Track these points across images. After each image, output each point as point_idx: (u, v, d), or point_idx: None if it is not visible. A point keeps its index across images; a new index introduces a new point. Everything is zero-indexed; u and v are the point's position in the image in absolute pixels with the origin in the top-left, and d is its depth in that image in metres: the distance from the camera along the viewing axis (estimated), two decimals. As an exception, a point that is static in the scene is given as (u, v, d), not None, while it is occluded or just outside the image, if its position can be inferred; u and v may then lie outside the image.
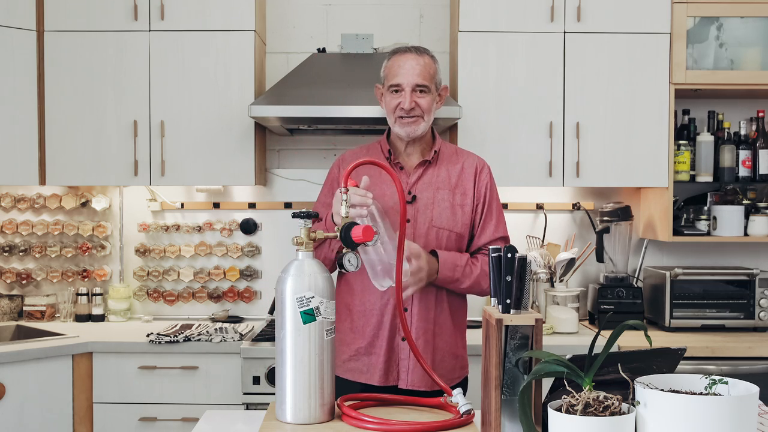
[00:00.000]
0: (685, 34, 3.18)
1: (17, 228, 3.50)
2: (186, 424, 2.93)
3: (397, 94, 2.16)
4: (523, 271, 1.50)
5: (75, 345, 2.93)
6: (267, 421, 1.67)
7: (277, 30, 3.59)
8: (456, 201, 2.21)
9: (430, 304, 2.17)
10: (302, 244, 1.69)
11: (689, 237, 3.26)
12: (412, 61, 2.15)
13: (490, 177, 2.27)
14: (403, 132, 2.18)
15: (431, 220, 2.17)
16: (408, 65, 2.14)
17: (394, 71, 2.17)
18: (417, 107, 2.15)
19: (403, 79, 2.14)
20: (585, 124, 3.21)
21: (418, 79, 2.14)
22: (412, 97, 2.14)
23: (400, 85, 2.15)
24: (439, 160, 2.25)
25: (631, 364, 1.39)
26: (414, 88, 2.14)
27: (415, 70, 2.14)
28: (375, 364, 2.16)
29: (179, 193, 3.58)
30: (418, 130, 2.17)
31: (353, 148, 2.38)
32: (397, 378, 2.16)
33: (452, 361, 2.23)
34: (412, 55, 2.16)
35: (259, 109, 3.01)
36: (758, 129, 3.28)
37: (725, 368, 2.90)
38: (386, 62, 2.22)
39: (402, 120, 2.16)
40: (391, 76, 2.18)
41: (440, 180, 2.21)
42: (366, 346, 2.18)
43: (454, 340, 2.24)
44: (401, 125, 2.17)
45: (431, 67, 2.18)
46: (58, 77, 3.23)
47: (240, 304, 3.57)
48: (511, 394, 1.52)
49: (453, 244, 2.20)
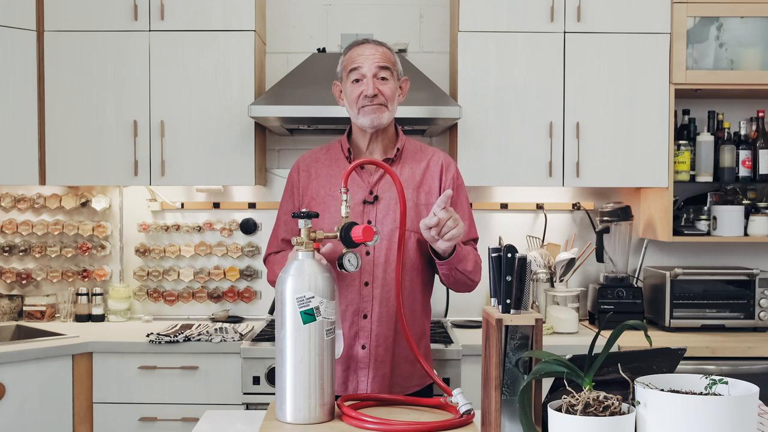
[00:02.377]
0: (685, 34, 3.18)
1: (17, 228, 3.51)
2: (186, 424, 2.93)
3: (359, 83, 2.07)
4: (523, 271, 1.50)
5: (75, 345, 2.93)
6: (267, 421, 1.67)
7: (277, 30, 3.59)
8: (420, 201, 2.10)
9: (391, 310, 2.05)
10: (302, 244, 1.69)
11: (689, 237, 3.26)
12: (371, 49, 2.07)
13: (456, 175, 2.17)
14: (367, 120, 2.07)
15: (394, 222, 2.05)
16: (368, 52, 2.07)
17: (352, 59, 2.08)
18: (380, 94, 2.05)
19: (364, 64, 2.06)
20: (585, 124, 3.21)
21: (380, 62, 2.06)
22: (375, 84, 2.05)
23: (361, 70, 2.06)
24: (402, 158, 2.14)
25: (631, 364, 1.39)
26: (376, 73, 2.05)
27: (375, 56, 2.06)
28: None
29: (179, 193, 3.58)
30: (383, 118, 2.07)
31: (312, 149, 2.28)
32: (356, 388, 2.06)
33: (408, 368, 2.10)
34: (371, 45, 2.09)
35: (259, 109, 3.01)
36: (758, 129, 3.28)
37: (725, 368, 2.90)
38: (342, 56, 2.14)
39: (365, 109, 2.06)
40: (349, 63, 2.09)
41: (403, 179, 2.10)
42: None
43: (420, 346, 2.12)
44: (365, 114, 2.06)
45: (390, 56, 2.10)
46: (58, 77, 3.23)
47: (240, 304, 3.57)
48: (511, 394, 1.52)
49: (419, 247, 2.08)
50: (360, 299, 2.04)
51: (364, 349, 2.05)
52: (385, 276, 2.04)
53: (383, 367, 2.06)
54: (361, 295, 2.04)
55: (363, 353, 2.05)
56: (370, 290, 2.04)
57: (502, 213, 3.56)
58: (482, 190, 3.55)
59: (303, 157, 2.24)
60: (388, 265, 2.05)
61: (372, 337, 2.04)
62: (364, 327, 2.05)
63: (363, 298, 2.04)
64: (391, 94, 2.08)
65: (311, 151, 2.25)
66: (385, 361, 2.05)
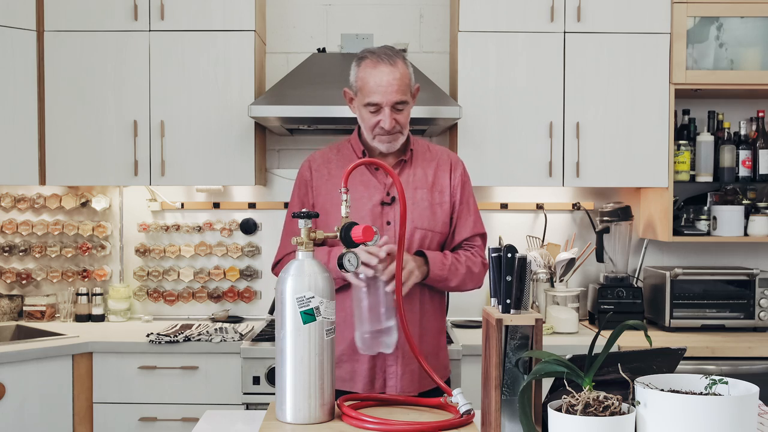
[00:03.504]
0: (685, 34, 3.18)
1: (17, 228, 3.51)
2: (186, 424, 2.93)
3: (375, 113, 2.06)
4: (523, 271, 1.50)
5: (75, 345, 2.93)
6: (267, 421, 1.67)
7: (277, 30, 3.59)
8: (435, 200, 2.15)
9: (415, 308, 2.09)
10: (302, 244, 1.69)
11: (689, 237, 3.26)
12: (389, 76, 2.02)
13: (464, 172, 2.21)
14: (383, 147, 2.10)
15: (412, 222, 2.10)
16: (385, 81, 2.02)
17: (370, 87, 2.04)
18: (396, 124, 2.06)
19: (382, 99, 2.03)
20: (585, 124, 3.21)
21: (397, 96, 2.03)
22: (392, 116, 2.04)
23: (379, 105, 2.04)
24: (414, 159, 2.18)
25: (631, 364, 1.39)
26: (393, 106, 2.04)
27: (392, 87, 2.02)
28: (358, 372, 2.09)
29: (179, 193, 3.58)
30: (397, 145, 2.11)
31: (322, 148, 2.29)
32: (384, 386, 2.09)
33: (433, 362, 2.14)
34: (386, 68, 2.03)
35: (259, 109, 3.01)
36: (758, 129, 3.28)
37: (725, 368, 2.90)
38: (357, 70, 2.09)
39: (382, 138, 2.08)
40: (366, 91, 2.05)
41: (417, 179, 2.14)
42: (348, 352, 2.08)
43: (436, 341, 2.18)
44: (381, 142, 2.09)
45: (406, 76, 2.07)
46: (58, 77, 3.23)
47: (240, 304, 3.57)
48: (511, 394, 1.52)
49: (435, 245, 2.14)
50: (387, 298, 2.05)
51: None
52: None
53: (411, 362, 2.09)
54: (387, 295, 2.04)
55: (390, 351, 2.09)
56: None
57: (502, 213, 3.56)
58: (482, 190, 3.55)
59: (313, 157, 2.23)
60: None
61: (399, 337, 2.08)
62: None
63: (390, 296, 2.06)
64: (406, 121, 2.09)
65: (321, 152, 2.25)
66: (412, 358, 2.08)
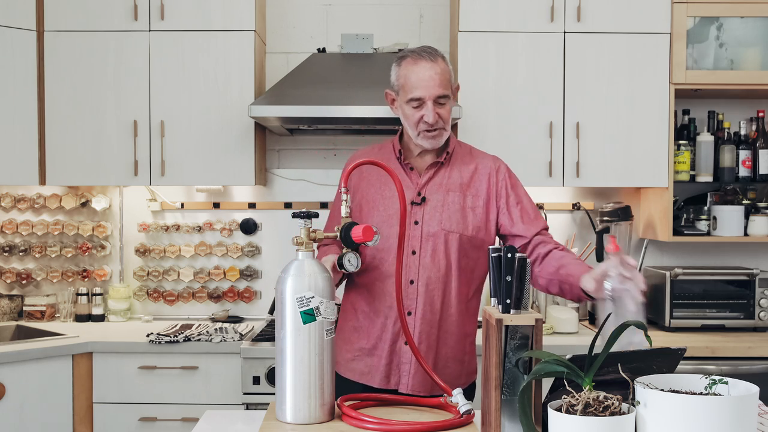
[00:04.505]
0: (685, 34, 3.18)
1: (17, 228, 3.51)
2: (186, 424, 2.93)
3: (418, 108, 2.08)
4: (523, 271, 1.50)
5: (75, 345, 2.93)
6: (267, 421, 1.67)
7: (277, 30, 3.59)
8: (467, 203, 2.14)
9: (435, 309, 2.10)
10: (302, 244, 1.69)
11: (689, 237, 3.26)
12: (431, 71, 2.06)
13: (508, 174, 2.20)
14: (427, 144, 2.12)
15: (440, 223, 2.10)
16: (427, 76, 2.05)
17: (412, 83, 2.07)
18: (440, 119, 2.08)
19: (424, 93, 2.06)
20: (585, 124, 3.21)
21: (439, 90, 2.06)
22: (435, 110, 2.06)
23: (422, 99, 2.06)
24: (451, 161, 2.18)
25: (631, 364, 1.39)
26: (436, 100, 2.06)
27: (434, 81, 2.05)
28: (376, 366, 2.12)
29: (179, 193, 3.58)
30: (442, 141, 2.13)
31: (364, 147, 2.33)
32: (398, 382, 2.11)
33: (456, 366, 2.15)
34: (427, 63, 2.07)
35: (259, 109, 3.01)
36: (758, 129, 3.28)
37: (725, 368, 2.90)
38: (398, 69, 2.12)
39: (426, 133, 2.09)
40: (409, 87, 2.08)
41: (451, 181, 2.15)
42: (368, 348, 2.13)
43: (461, 347, 2.16)
44: (426, 138, 2.10)
45: (447, 72, 2.09)
46: (58, 77, 3.23)
47: (240, 304, 3.57)
48: (511, 394, 1.52)
49: (462, 247, 2.12)
50: (405, 297, 2.07)
51: (406, 344, 2.07)
52: (430, 275, 2.09)
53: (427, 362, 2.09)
54: (406, 293, 2.08)
55: (405, 348, 2.09)
56: (416, 288, 2.08)
57: (502, 213, 3.56)
58: (482, 190, 3.55)
59: (355, 156, 2.27)
60: (434, 265, 2.09)
61: (415, 334, 2.08)
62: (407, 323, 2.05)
63: (408, 295, 2.08)
64: (448, 116, 2.11)
65: (363, 151, 2.29)
66: (427, 358, 2.08)
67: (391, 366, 2.11)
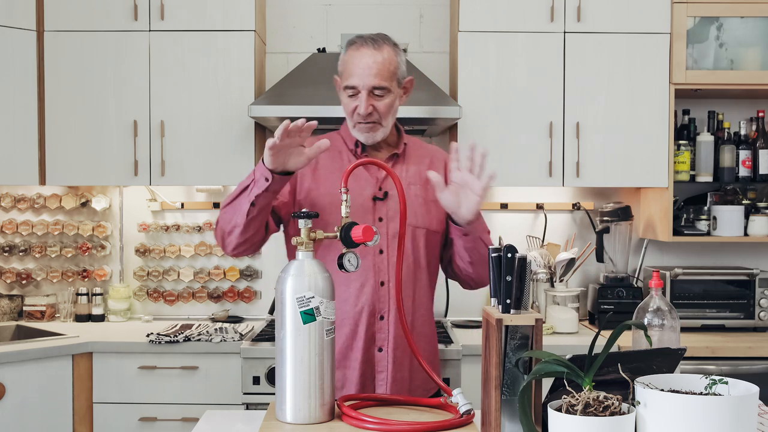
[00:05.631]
0: (685, 34, 3.18)
1: (17, 228, 3.51)
2: (186, 424, 2.93)
3: (353, 97, 1.96)
4: (523, 271, 1.50)
5: (75, 345, 2.93)
6: (267, 421, 1.67)
7: (277, 30, 3.59)
8: (429, 196, 2.01)
9: (407, 310, 1.96)
10: (302, 244, 1.69)
11: (689, 237, 3.26)
12: (369, 59, 1.92)
13: None
14: (361, 138, 2.01)
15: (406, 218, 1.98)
16: (364, 63, 1.92)
17: (349, 69, 1.95)
18: (374, 112, 1.95)
19: (358, 82, 1.93)
20: (585, 124, 3.21)
21: (375, 80, 1.92)
22: (369, 101, 1.94)
23: (356, 88, 1.94)
24: (407, 154, 2.08)
25: (631, 364, 1.39)
26: (371, 90, 1.93)
27: (371, 70, 1.92)
28: (350, 379, 1.98)
29: (179, 193, 3.58)
30: (377, 137, 2.00)
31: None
32: (374, 392, 1.97)
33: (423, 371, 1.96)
34: (369, 50, 1.93)
35: (259, 109, 3.02)
36: (758, 129, 3.28)
37: (725, 368, 2.90)
38: (342, 54, 1.99)
39: (359, 126, 1.98)
40: (346, 74, 1.96)
41: (411, 175, 2.04)
42: (339, 359, 1.96)
43: (431, 347, 2.08)
44: (359, 131, 1.99)
45: (391, 63, 1.95)
46: (58, 77, 3.23)
47: (240, 304, 3.57)
48: (511, 394, 1.52)
49: (429, 243, 2.03)
50: (377, 300, 1.97)
51: (381, 351, 1.98)
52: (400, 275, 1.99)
53: (402, 369, 1.99)
54: (377, 296, 1.97)
55: (380, 356, 1.98)
56: (387, 290, 1.98)
57: (502, 213, 3.56)
58: (482, 190, 3.55)
59: None
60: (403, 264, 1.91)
61: (389, 339, 1.97)
62: (381, 328, 1.98)
63: (380, 298, 1.97)
64: (386, 110, 1.97)
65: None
66: (403, 364, 1.99)
67: (365, 376, 1.98)
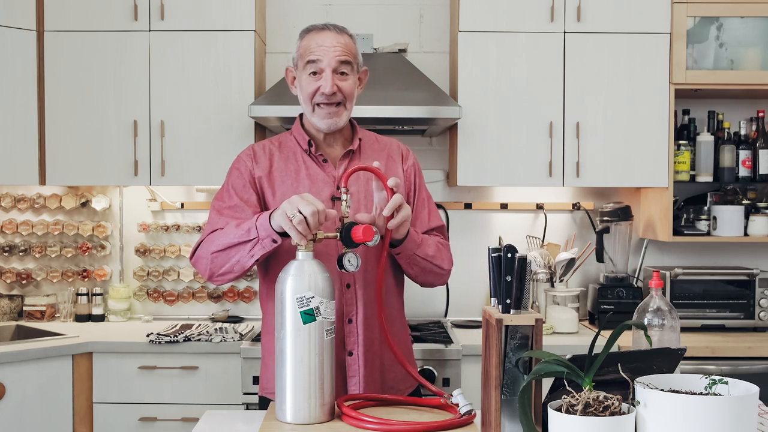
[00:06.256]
0: (685, 34, 3.18)
1: (17, 228, 3.51)
2: (186, 424, 2.93)
3: (315, 76, 1.90)
4: (523, 271, 1.50)
5: (75, 345, 2.93)
6: (267, 421, 1.67)
7: (277, 30, 3.59)
8: None
9: (376, 312, 1.88)
10: (302, 244, 1.69)
11: (689, 237, 3.26)
12: (332, 39, 1.90)
13: (415, 162, 2.06)
14: (323, 124, 1.92)
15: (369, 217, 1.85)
16: (328, 42, 1.89)
17: (311, 49, 1.90)
18: (339, 92, 1.89)
19: (323, 57, 1.88)
20: (585, 124, 3.21)
21: (341, 55, 1.89)
22: (334, 80, 1.88)
23: (319, 63, 1.88)
24: (362, 149, 2.01)
25: (631, 364, 1.39)
26: (336, 68, 1.89)
27: (336, 49, 1.89)
28: None
29: (179, 193, 3.58)
30: (340, 122, 1.93)
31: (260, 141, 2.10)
32: None
33: (401, 369, 1.97)
34: (332, 33, 1.91)
35: (259, 109, 3.02)
36: (758, 129, 3.28)
37: (725, 368, 2.90)
38: (299, 41, 1.95)
39: (321, 108, 1.91)
40: (307, 53, 1.90)
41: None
42: None
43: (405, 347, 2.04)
44: (321, 116, 1.91)
45: (352, 48, 1.93)
46: (58, 77, 3.23)
47: (240, 304, 3.57)
48: (511, 394, 1.52)
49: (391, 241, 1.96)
50: (343, 303, 1.92)
51: (351, 356, 1.93)
52: (366, 276, 1.91)
53: (373, 372, 1.95)
54: (344, 299, 1.92)
55: (351, 360, 1.93)
56: (353, 292, 1.92)
57: (502, 213, 3.56)
58: (482, 190, 3.55)
59: (254, 148, 2.04)
60: (368, 265, 1.90)
61: (359, 342, 1.92)
62: (350, 332, 1.93)
63: (346, 301, 1.92)
64: (350, 91, 1.93)
65: (261, 143, 2.04)
66: (374, 366, 1.95)
67: (337, 383, 1.86)
